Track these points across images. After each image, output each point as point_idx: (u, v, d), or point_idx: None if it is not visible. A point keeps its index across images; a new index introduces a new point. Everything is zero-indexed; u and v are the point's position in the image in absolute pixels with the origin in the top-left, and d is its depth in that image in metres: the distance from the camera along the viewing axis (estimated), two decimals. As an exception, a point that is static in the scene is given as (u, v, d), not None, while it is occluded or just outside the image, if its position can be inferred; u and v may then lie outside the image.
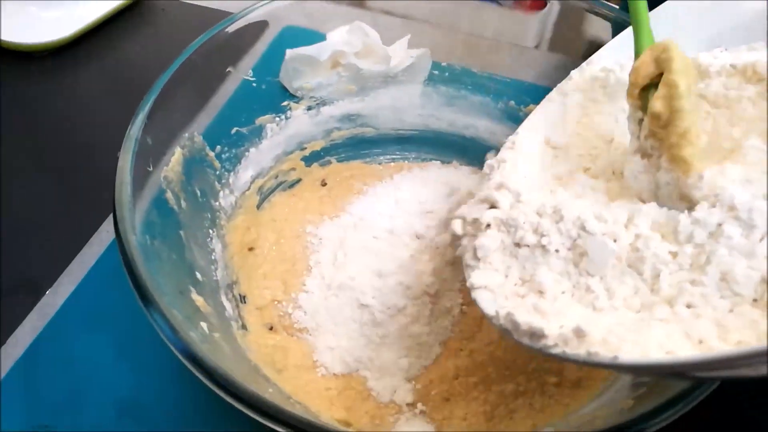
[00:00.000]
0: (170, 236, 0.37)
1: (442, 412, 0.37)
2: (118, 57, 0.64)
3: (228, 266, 0.42)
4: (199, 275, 0.38)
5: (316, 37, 0.49)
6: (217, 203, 0.43)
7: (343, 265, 0.43)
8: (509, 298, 0.30)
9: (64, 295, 0.43)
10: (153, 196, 0.36)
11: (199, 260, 0.39)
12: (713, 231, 0.27)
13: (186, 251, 0.38)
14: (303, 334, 0.41)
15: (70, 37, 0.62)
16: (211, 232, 0.42)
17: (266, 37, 0.48)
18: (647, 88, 0.31)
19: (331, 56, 0.49)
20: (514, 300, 0.30)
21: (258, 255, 0.44)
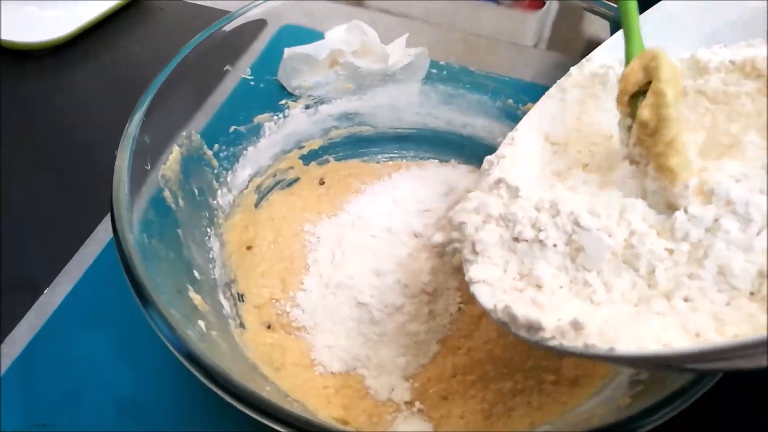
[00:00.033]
0: (168, 235, 0.37)
1: (439, 411, 0.37)
2: (116, 56, 0.64)
3: (226, 265, 0.42)
4: (197, 274, 0.38)
5: (314, 35, 0.49)
6: (215, 202, 0.43)
7: (341, 264, 0.43)
8: (507, 292, 0.30)
9: (62, 294, 0.43)
10: (151, 194, 0.36)
11: (197, 259, 0.39)
12: (710, 227, 0.27)
13: (184, 250, 0.38)
14: (301, 332, 0.41)
15: (68, 36, 0.62)
16: (209, 230, 0.42)
17: (264, 36, 0.48)
18: (636, 96, 0.31)
19: (329, 55, 0.49)
20: (512, 294, 0.30)
21: (256, 254, 0.44)
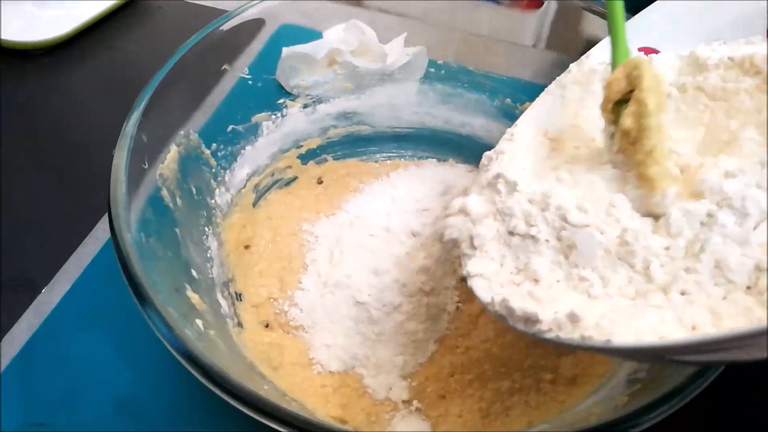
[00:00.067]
0: (166, 234, 0.37)
1: (437, 410, 0.37)
2: (114, 55, 0.64)
3: (224, 264, 0.42)
4: (194, 273, 0.38)
5: (312, 35, 0.49)
6: (213, 201, 0.43)
7: (339, 263, 0.43)
8: (505, 285, 0.31)
9: (60, 292, 0.43)
10: (148, 193, 0.36)
11: (194, 258, 0.39)
12: (704, 221, 0.27)
13: (182, 249, 0.38)
14: (299, 331, 0.41)
15: (66, 35, 0.62)
16: (206, 229, 0.42)
17: (263, 36, 0.48)
18: (620, 103, 0.32)
19: (327, 54, 0.49)
20: (509, 288, 0.30)
21: (254, 253, 0.44)
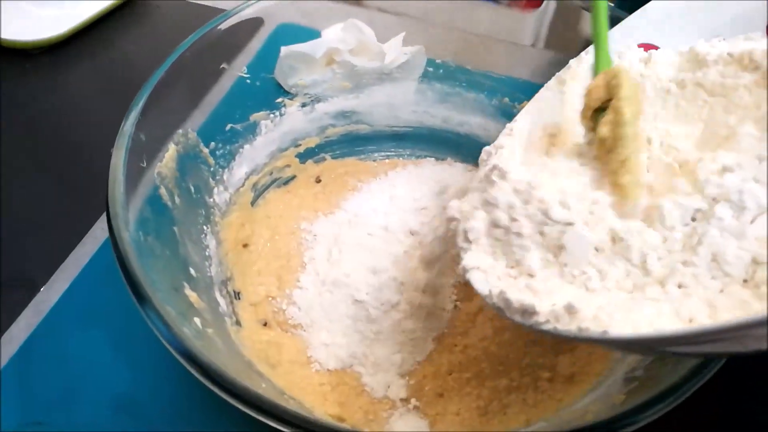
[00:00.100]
0: (164, 232, 0.37)
1: (435, 408, 0.38)
2: (113, 54, 0.64)
3: (222, 263, 0.42)
4: (192, 271, 0.38)
5: (311, 34, 0.49)
6: (212, 200, 0.43)
7: (337, 262, 0.43)
8: (502, 278, 0.31)
9: (59, 291, 0.43)
10: (147, 192, 0.36)
11: (193, 256, 0.39)
12: (699, 216, 0.27)
13: (180, 247, 0.38)
14: (297, 330, 0.41)
15: (65, 35, 0.62)
16: (205, 228, 0.42)
17: (261, 35, 0.48)
18: (600, 111, 0.32)
19: (325, 53, 0.49)
20: (507, 280, 0.30)
21: (252, 251, 0.44)
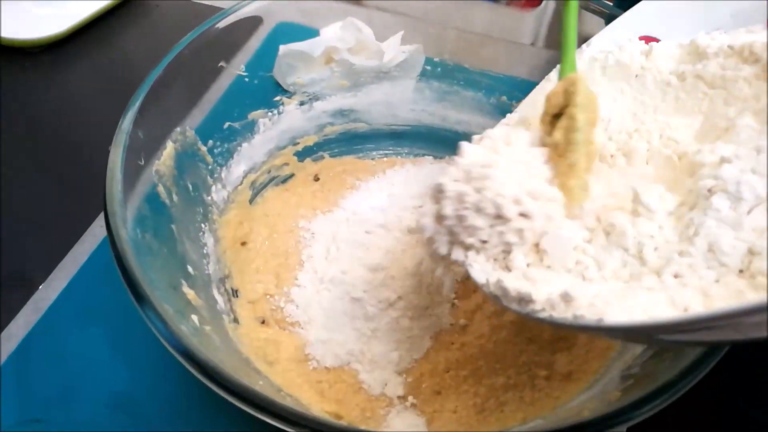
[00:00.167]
0: (162, 230, 0.37)
1: (432, 405, 0.38)
2: (111, 53, 0.64)
3: (220, 260, 0.42)
4: (190, 269, 0.38)
5: (309, 33, 0.49)
6: (210, 198, 0.43)
7: (335, 260, 0.43)
8: (497, 269, 0.31)
9: (57, 289, 0.43)
10: (145, 190, 0.36)
11: (191, 254, 0.39)
12: (702, 203, 0.27)
13: (178, 245, 0.38)
14: (295, 327, 0.41)
15: (64, 33, 0.62)
16: (203, 226, 0.42)
17: (260, 33, 0.48)
18: (558, 117, 0.32)
19: (324, 52, 0.49)
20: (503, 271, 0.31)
21: (251, 249, 0.44)
